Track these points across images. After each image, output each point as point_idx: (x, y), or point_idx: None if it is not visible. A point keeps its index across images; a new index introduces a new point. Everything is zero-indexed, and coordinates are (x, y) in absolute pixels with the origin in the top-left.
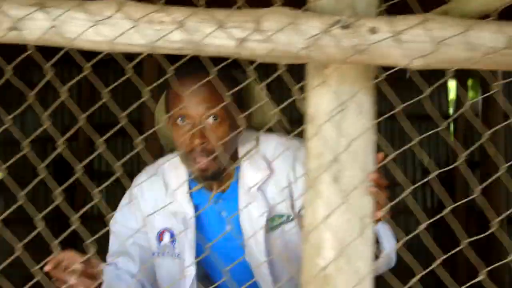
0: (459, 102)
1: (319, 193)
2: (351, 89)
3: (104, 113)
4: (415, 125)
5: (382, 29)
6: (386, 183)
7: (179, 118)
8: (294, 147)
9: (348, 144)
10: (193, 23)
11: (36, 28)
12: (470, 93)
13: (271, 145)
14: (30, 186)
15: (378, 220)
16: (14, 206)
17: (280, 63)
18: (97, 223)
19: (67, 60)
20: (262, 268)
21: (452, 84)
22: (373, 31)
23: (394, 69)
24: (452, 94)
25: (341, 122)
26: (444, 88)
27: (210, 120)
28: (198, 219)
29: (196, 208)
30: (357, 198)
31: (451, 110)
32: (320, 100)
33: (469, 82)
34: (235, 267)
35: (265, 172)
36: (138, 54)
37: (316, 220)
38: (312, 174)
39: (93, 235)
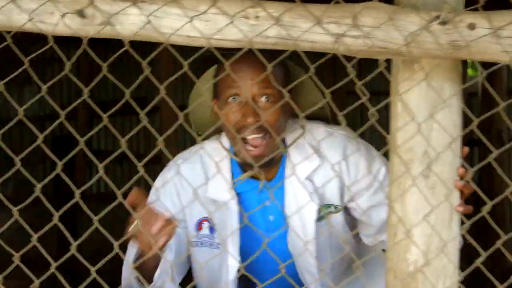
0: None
1: (408, 188)
2: (441, 83)
3: (104, 92)
4: None
5: (481, 24)
6: (471, 177)
7: (231, 97)
8: (343, 136)
9: (438, 138)
10: (290, 18)
11: (130, 23)
12: (470, 71)
13: (319, 133)
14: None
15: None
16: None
17: (379, 59)
18: (96, 202)
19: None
20: (308, 259)
21: None
22: (471, 27)
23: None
24: None
25: (432, 116)
26: None
27: (263, 99)
28: (240, 208)
29: (239, 196)
30: (446, 193)
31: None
32: (409, 94)
33: (469, 60)
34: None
35: (315, 161)
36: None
37: (405, 215)
38: (399, 168)
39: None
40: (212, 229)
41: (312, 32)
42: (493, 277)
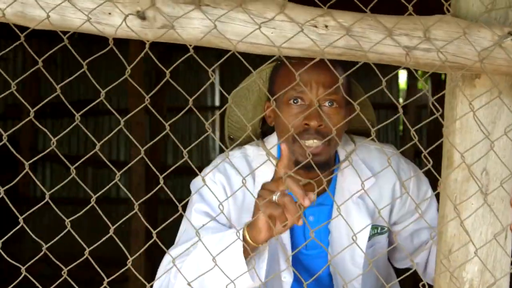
0: (409, 92)
1: (466, 205)
2: (500, 100)
3: (51, 92)
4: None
5: None
6: None
7: (293, 99)
8: (395, 156)
9: (497, 156)
10: (360, 29)
11: (193, 27)
12: (420, 84)
13: (371, 150)
14: None
15: None
16: None
17: (452, 73)
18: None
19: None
20: (354, 283)
21: (403, 75)
22: None
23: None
24: (402, 84)
25: (492, 133)
26: (395, 78)
27: (327, 104)
28: None
29: None
30: (502, 211)
31: (401, 100)
32: (468, 110)
33: (419, 72)
34: (311, 275)
35: (369, 180)
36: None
37: (461, 233)
38: (456, 185)
39: (36, 218)
40: None
41: (381, 44)
42: None
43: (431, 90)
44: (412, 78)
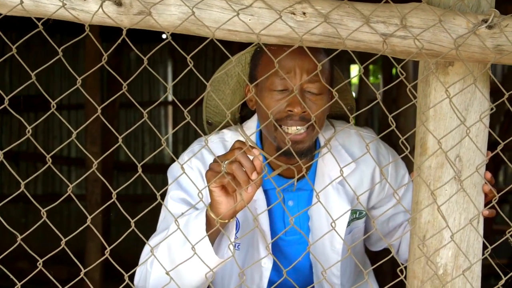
0: (361, 86)
1: (440, 191)
2: (473, 87)
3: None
4: None
5: None
6: (493, 181)
7: (278, 84)
8: (375, 140)
9: (472, 142)
10: (337, 16)
11: (170, 13)
12: (372, 78)
13: (351, 135)
14: None
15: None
16: None
17: (427, 61)
18: None
19: None
20: (332, 269)
21: (354, 69)
22: None
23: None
24: (354, 79)
25: (465, 120)
26: (347, 73)
27: (310, 91)
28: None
29: (265, 194)
30: (475, 197)
31: (353, 94)
32: (442, 98)
33: (370, 67)
34: (291, 262)
35: (349, 165)
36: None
37: (435, 219)
38: (430, 172)
39: None
40: (236, 228)
41: (358, 31)
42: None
43: (382, 84)
44: (364, 72)
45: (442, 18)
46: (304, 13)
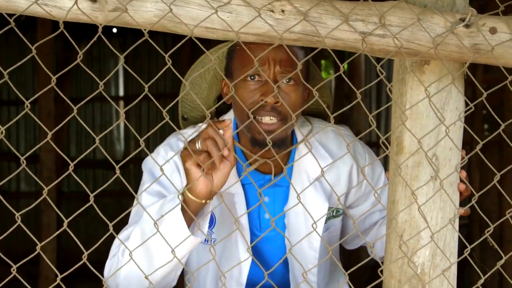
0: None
1: (417, 191)
2: (449, 86)
3: None
4: None
5: (502, 29)
6: (468, 180)
7: (250, 76)
8: (350, 137)
9: (446, 141)
10: (316, 14)
11: (146, 10)
12: (324, 74)
13: (328, 131)
14: None
15: None
16: None
17: (401, 60)
18: None
19: None
20: (309, 266)
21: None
22: (493, 31)
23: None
24: None
25: (441, 118)
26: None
27: (284, 81)
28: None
29: (243, 188)
30: (451, 195)
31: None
32: (418, 97)
33: (322, 62)
34: (266, 258)
35: (327, 160)
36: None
37: (413, 218)
38: (407, 171)
39: None
40: (211, 222)
41: (337, 29)
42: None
43: (334, 80)
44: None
45: (421, 16)
46: (283, 11)
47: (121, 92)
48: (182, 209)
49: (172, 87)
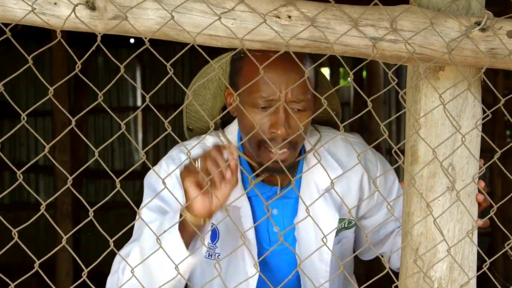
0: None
1: (433, 202)
2: (465, 92)
3: None
4: None
5: None
6: (487, 190)
7: (261, 103)
8: (361, 145)
9: (463, 150)
10: (324, 19)
11: (147, 18)
12: (342, 81)
13: (337, 140)
14: None
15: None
16: None
17: (414, 66)
18: None
19: None
20: (321, 281)
21: (326, 72)
22: (510, 34)
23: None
24: None
25: (456, 126)
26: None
27: (296, 109)
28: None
29: (249, 200)
30: (469, 207)
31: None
32: (433, 104)
33: (341, 70)
34: (276, 272)
35: (337, 171)
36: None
37: (429, 231)
38: (422, 181)
39: None
40: (214, 236)
41: (346, 35)
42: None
43: (352, 87)
44: (335, 75)
45: (434, 20)
46: (289, 17)
47: (139, 103)
48: (181, 228)
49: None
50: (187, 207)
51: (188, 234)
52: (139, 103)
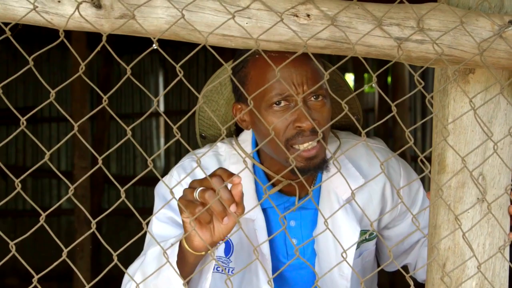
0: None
1: (461, 215)
2: (498, 97)
3: None
4: None
5: None
6: None
7: (276, 102)
8: (383, 152)
9: (494, 158)
10: (346, 18)
11: (157, 17)
12: (367, 88)
13: (358, 147)
14: None
15: None
16: None
17: (442, 68)
18: None
19: None
20: None
21: (350, 78)
22: None
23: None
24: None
25: (488, 133)
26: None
27: (313, 99)
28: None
29: (264, 212)
30: (501, 219)
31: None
32: (462, 109)
33: (365, 76)
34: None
35: (358, 180)
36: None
37: (457, 245)
38: (450, 192)
39: None
40: (228, 250)
41: (369, 35)
42: None
43: (377, 93)
44: (359, 80)
45: (464, 19)
46: (308, 15)
47: (162, 108)
48: (181, 256)
49: None
50: (186, 238)
51: (189, 264)
52: (161, 108)
